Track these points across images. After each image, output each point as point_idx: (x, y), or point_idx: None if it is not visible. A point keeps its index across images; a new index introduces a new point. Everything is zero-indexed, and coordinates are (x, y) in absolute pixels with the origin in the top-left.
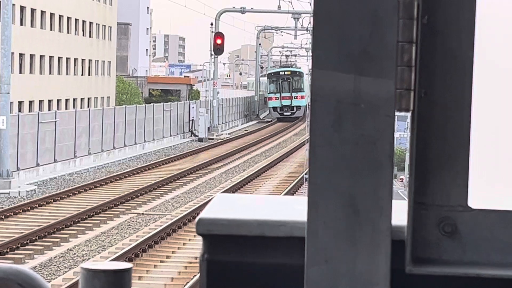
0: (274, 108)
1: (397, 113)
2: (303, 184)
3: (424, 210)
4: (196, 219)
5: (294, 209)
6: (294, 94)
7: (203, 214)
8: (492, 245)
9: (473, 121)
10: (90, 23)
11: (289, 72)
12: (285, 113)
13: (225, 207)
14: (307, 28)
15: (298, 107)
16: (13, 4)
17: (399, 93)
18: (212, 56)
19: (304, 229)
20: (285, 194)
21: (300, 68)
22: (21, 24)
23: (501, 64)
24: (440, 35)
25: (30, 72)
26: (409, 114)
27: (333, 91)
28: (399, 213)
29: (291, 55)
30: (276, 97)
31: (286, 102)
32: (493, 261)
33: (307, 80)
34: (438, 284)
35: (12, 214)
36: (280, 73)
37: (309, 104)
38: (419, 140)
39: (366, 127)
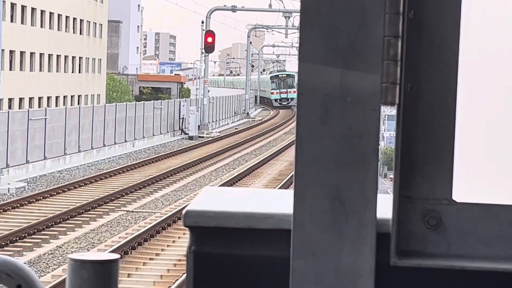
0: (275, 100)
1: (388, 112)
2: (293, 182)
3: (409, 203)
4: (184, 211)
5: (281, 202)
6: (288, 90)
7: (191, 207)
8: (476, 238)
9: (458, 115)
10: (81, 20)
11: (285, 75)
12: (283, 103)
13: (213, 200)
14: (297, 27)
15: (292, 99)
16: (4, 1)
17: (385, 87)
18: (203, 54)
19: (291, 222)
20: None
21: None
22: (12, 21)
23: (487, 59)
24: (426, 30)
25: (21, 69)
26: (395, 109)
27: (320, 85)
28: (385, 206)
29: (282, 55)
30: (276, 92)
31: (283, 96)
32: (478, 254)
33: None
34: (423, 276)
35: (1, 211)
36: (279, 75)
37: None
38: (405, 133)
39: (353, 120)
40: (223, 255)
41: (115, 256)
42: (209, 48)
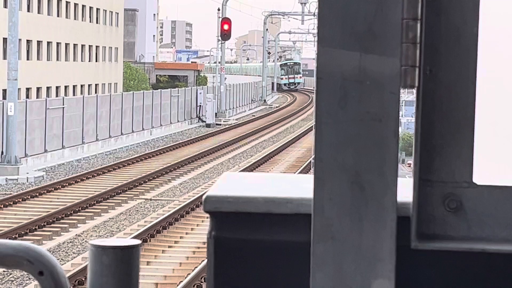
0: (284, 84)
1: (405, 98)
2: (310, 169)
3: (429, 187)
4: (204, 196)
5: (300, 187)
6: (295, 75)
7: (210, 192)
8: (496, 221)
9: (478, 98)
10: (97, 9)
11: (292, 63)
12: (291, 87)
13: (232, 185)
14: (314, 13)
15: (298, 83)
16: None
17: (404, 70)
18: (219, 42)
19: (310, 206)
20: None
21: (296, 59)
22: (28, 10)
23: (506, 41)
24: (445, 12)
25: (38, 59)
26: (412, 94)
27: (338, 69)
28: (405, 190)
29: (298, 41)
30: (285, 77)
31: (291, 80)
32: (498, 237)
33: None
34: (443, 259)
35: (21, 200)
36: (287, 63)
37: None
38: (424, 117)
39: (372, 104)
40: (243, 240)
41: (137, 241)
42: (225, 35)
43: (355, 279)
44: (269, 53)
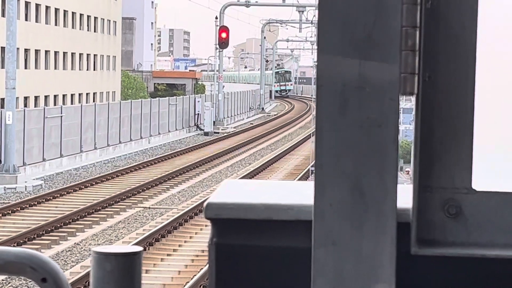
0: (277, 91)
1: (402, 106)
2: (309, 176)
3: (429, 193)
4: (205, 203)
5: (301, 193)
6: (287, 83)
7: (212, 199)
8: (496, 227)
9: (477, 104)
10: (95, 18)
11: (284, 71)
12: (282, 93)
13: (233, 192)
14: (311, 21)
15: (289, 90)
16: (18, 0)
17: (403, 77)
18: (217, 50)
19: (311, 212)
20: None
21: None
22: (26, 19)
23: (504, 48)
24: (444, 20)
25: (36, 68)
26: (413, 100)
27: (338, 76)
28: (405, 196)
29: (296, 49)
30: (278, 84)
31: (283, 87)
32: (498, 242)
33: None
34: (443, 265)
35: (19, 209)
36: (279, 72)
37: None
38: (424, 123)
39: (371, 110)
40: (244, 246)
41: (139, 248)
42: (223, 43)
43: (356, 284)
44: (267, 61)
